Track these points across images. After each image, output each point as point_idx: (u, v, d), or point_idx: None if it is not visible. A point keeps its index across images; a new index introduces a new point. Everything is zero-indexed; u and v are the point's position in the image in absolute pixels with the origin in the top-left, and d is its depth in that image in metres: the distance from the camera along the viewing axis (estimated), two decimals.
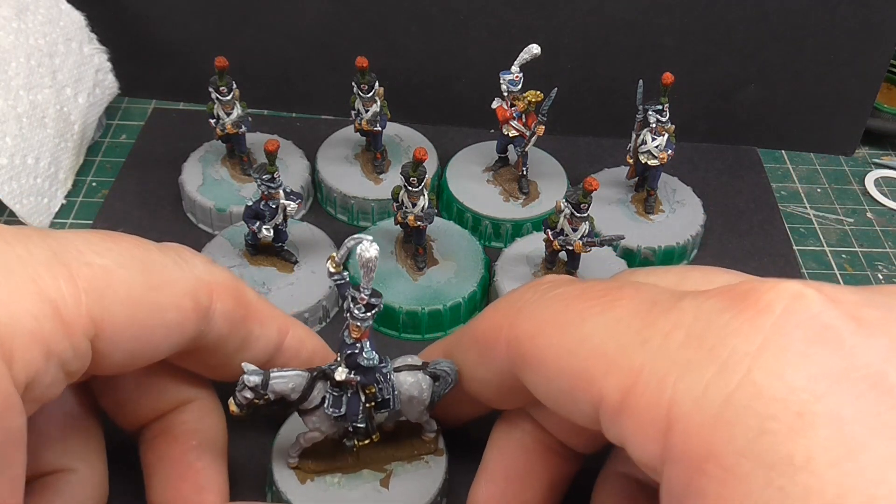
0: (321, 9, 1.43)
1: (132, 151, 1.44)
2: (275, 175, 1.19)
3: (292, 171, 1.36)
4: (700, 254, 1.30)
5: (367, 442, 0.80)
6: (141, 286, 0.65)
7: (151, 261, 0.68)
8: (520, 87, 1.26)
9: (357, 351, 0.74)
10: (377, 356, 0.75)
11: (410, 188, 1.14)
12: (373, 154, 1.37)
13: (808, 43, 1.39)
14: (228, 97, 1.29)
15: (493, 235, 1.32)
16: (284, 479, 0.81)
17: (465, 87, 1.57)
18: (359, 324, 0.73)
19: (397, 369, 0.80)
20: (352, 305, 0.72)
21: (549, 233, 1.18)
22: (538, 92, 1.26)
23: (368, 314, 0.72)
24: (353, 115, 1.34)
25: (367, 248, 0.69)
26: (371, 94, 1.31)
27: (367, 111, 1.32)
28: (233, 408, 0.74)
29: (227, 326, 0.74)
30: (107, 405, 0.80)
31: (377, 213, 1.34)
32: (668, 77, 1.24)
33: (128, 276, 0.64)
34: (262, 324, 0.78)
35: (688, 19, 1.37)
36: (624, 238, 1.20)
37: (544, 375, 0.61)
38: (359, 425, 0.78)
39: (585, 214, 1.16)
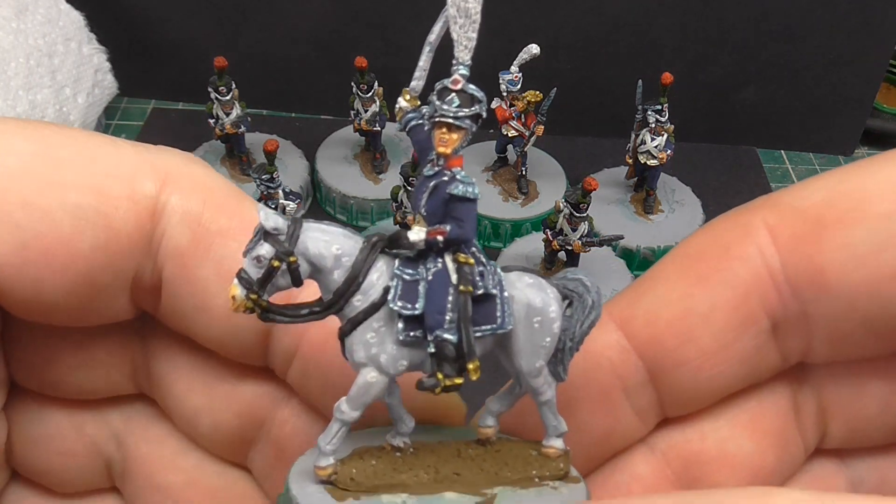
0: (321, 9, 1.43)
1: None
2: (274, 175, 1.20)
3: (291, 171, 1.36)
4: None
5: (458, 381, 0.49)
6: (27, 180, 0.50)
7: (60, 144, 0.52)
8: (519, 87, 1.26)
9: (445, 179, 0.49)
10: (477, 188, 0.49)
11: (410, 188, 1.14)
12: (372, 154, 1.37)
13: (808, 43, 1.39)
14: (227, 97, 1.29)
15: (492, 235, 1.32)
16: (309, 498, 0.51)
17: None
18: (449, 122, 0.48)
19: (505, 269, 0.52)
20: (437, 102, 0.48)
21: (548, 233, 1.18)
22: (537, 92, 1.26)
23: (465, 110, 0.48)
24: (352, 116, 1.34)
25: None
26: (370, 94, 1.31)
27: (366, 111, 1.32)
28: (232, 290, 0.48)
29: (189, 234, 0.53)
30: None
31: (376, 212, 1.34)
32: (667, 77, 1.24)
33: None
34: None
35: (687, 19, 1.37)
36: (623, 238, 1.20)
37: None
38: (447, 337, 0.48)
39: (584, 214, 1.16)
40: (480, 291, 0.49)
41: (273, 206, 1.16)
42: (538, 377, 0.52)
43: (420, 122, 0.51)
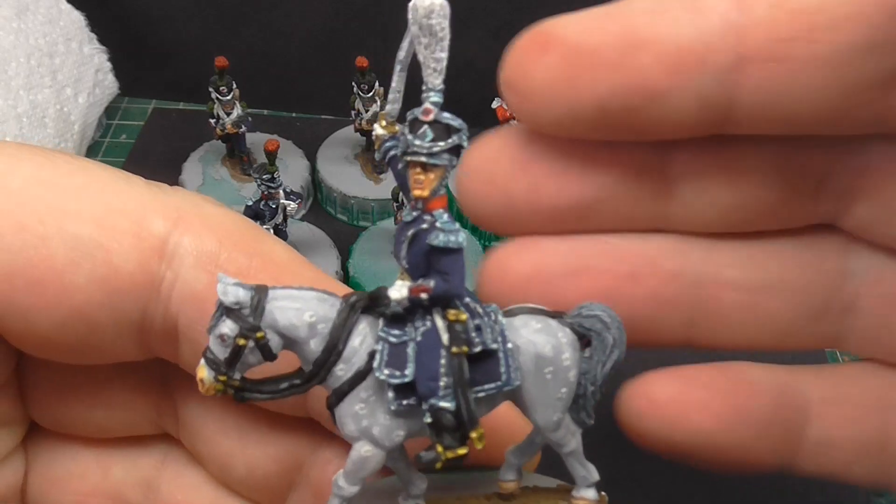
0: (321, 9, 1.43)
1: (132, 151, 1.44)
2: (275, 175, 1.20)
3: (292, 170, 1.36)
4: None
5: (462, 452, 0.44)
6: (27, 205, 0.47)
7: (69, 173, 0.50)
8: None
9: (424, 227, 0.44)
10: (462, 234, 0.44)
11: None
12: (373, 154, 1.37)
13: None
14: (228, 97, 1.29)
15: (492, 236, 1.32)
16: None
17: (465, 87, 1.57)
18: (422, 160, 0.42)
19: (509, 313, 0.47)
20: (409, 136, 0.43)
21: None
22: None
23: (440, 144, 0.42)
24: (353, 115, 1.34)
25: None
26: (371, 94, 1.31)
27: (367, 111, 1.32)
28: (200, 372, 0.44)
29: (206, 277, 0.49)
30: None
31: (377, 212, 1.34)
32: None
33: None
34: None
35: None
36: None
37: None
38: (442, 405, 0.43)
39: None
40: (478, 349, 0.44)
41: (274, 206, 1.16)
42: (558, 430, 0.47)
43: (396, 147, 0.46)
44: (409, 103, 0.46)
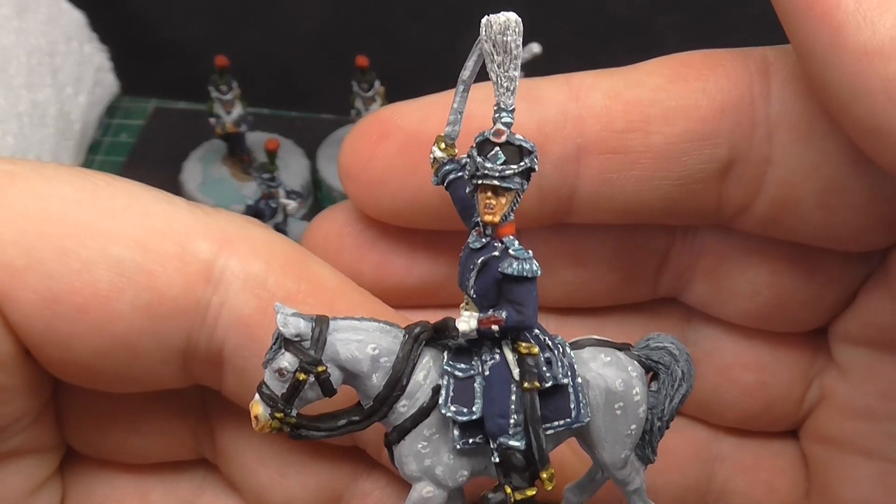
0: (322, 8, 1.43)
1: (133, 150, 1.44)
2: (275, 174, 1.20)
3: (292, 169, 1.36)
4: None
5: (531, 493, 0.42)
6: (67, 227, 0.46)
7: (110, 195, 0.48)
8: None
9: (496, 254, 0.42)
10: (535, 263, 0.42)
11: None
12: None
13: None
14: (229, 96, 1.29)
15: None
16: None
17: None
18: (494, 184, 0.40)
19: (576, 344, 0.46)
20: (479, 159, 0.41)
21: None
22: None
23: (512, 167, 0.41)
24: (353, 114, 1.34)
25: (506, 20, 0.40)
26: (371, 92, 1.31)
27: (367, 110, 1.32)
28: (254, 409, 0.42)
29: (254, 301, 0.47)
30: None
31: None
32: None
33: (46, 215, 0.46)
34: (333, 311, 0.47)
35: (688, 18, 1.37)
36: None
37: None
38: (512, 444, 0.41)
39: None
40: (549, 384, 0.42)
41: (274, 205, 1.16)
42: (624, 468, 0.46)
43: (460, 174, 0.44)
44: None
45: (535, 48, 1.22)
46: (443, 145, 0.45)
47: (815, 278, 0.57)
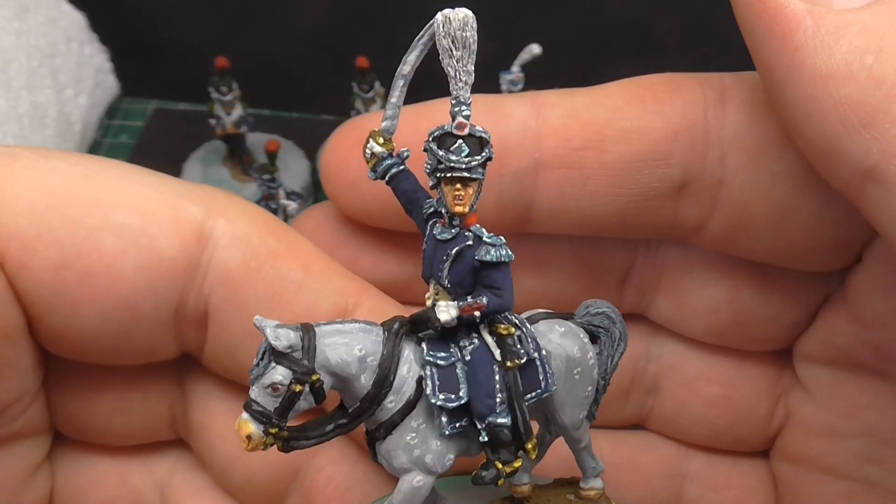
0: (322, 9, 1.43)
1: (133, 152, 1.44)
2: (275, 175, 1.20)
3: (293, 171, 1.36)
4: None
5: (517, 465, 0.44)
6: (71, 199, 0.49)
7: (104, 169, 0.51)
8: (520, 87, 1.26)
9: (469, 243, 0.43)
10: (508, 247, 0.44)
11: None
12: None
13: None
14: (229, 97, 1.30)
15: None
16: None
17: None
18: (464, 175, 0.41)
19: (531, 319, 0.48)
20: (441, 152, 0.42)
21: None
22: None
23: (477, 158, 0.42)
24: (353, 115, 1.34)
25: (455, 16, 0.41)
26: (372, 94, 1.31)
27: (368, 111, 1.32)
28: (245, 429, 0.41)
29: (239, 256, 0.51)
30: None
31: None
32: None
33: (49, 184, 0.49)
34: (309, 271, 0.52)
35: (688, 19, 1.37)
36: None
37: None
38: (500, 422, 0.43)
39: None
40: (524, 360, 0.44)
41: (274, 207, 1.16)
42: (580, 428, 0.49)
43: (402, 167, 0.46)
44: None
45: (536, 49, 1.22)
46: (381, 140, 0.46)
47: (773, 296, 0.59)
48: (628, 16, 1.37)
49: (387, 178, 0.47)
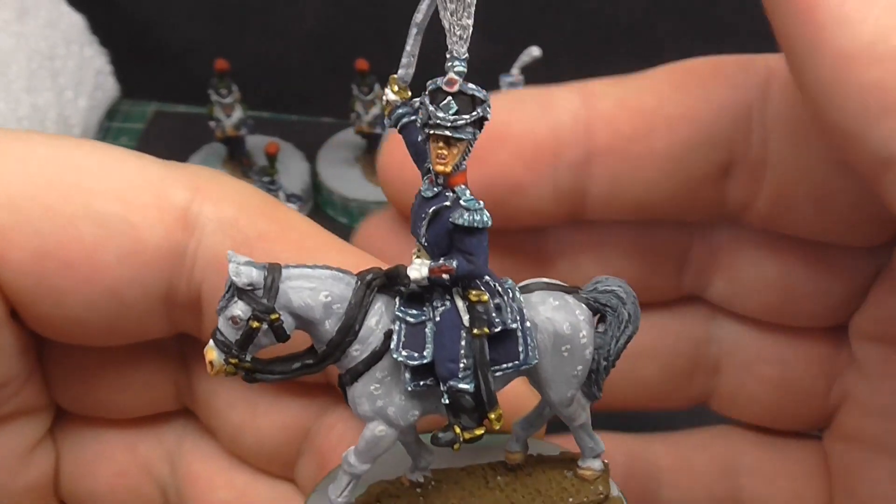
0: (321, 12, 1.43)
1: None
2: (275, 177, 1.20)
3: (293, 173, 1.36)
4: None
5: (479, 433, 0.44)
6: (50, 187, 0.48)
7: (84, 153, 0.50)
8: (520, 89, 1.26)
9: (447, 204, 0.42)
10: (486, 213, 0.42)
11: None
12: (373, 156, 1.37)
13: None
14: (229, 99, 1.30)
15: None
16: None
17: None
18: (446, 134, 0.40)
19: (526, 288, 0.47)
20: (431, 107, 0.41)
21: None
22: None
23: (465, 117, 0.40)
24: (353, 118, 1.34)
25: None
26: (371, 96, 1.31)
27: (367, 113, 1.33)
28: (208, 355, 0.42)
29: (228, 241, 0.50)
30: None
31: None
32: None
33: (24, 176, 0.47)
34: (303, 249, 0.51)
35: (687, 22, 1.37)
36: None
37: None
38: (461, 387, 0.43)
39: None
40: (498, 329, 0.43)
41: None
42: (570, 405, 0.47)
43: (413, 117, 0.44)
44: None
45: (535, 51, 1.22)
46: (395, 87, 0.45)
47: (822, 272, 0.59)
48: (628, 16, 1.37)
49: (399, 127, 0.45)
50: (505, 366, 0.44)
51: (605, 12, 1.36)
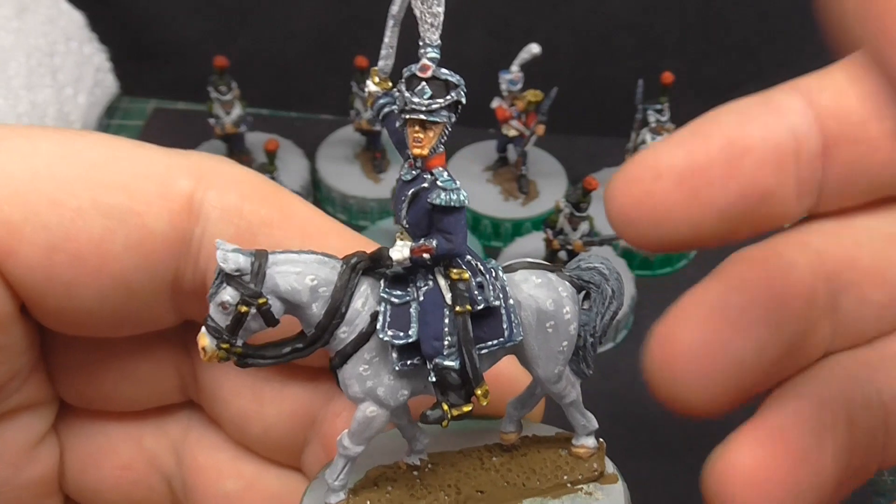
0: (321, 9, 1.43)
1: None
2: (274, 174, 1.20)
3: (292, 170, 1.36)
4: (702, 253, 1.30)
5: (467, 409, 0.45)
6: (56, 180, 0.48)
7: (86, 146, 0.51)
8: (520, 86, 1.26)
9: (425, 185, 0.44)
10: (463, 193, 0.44)
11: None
12: (372, 153, 1.37)
13: (808, 42, 1.39)
14: (228, 96, 1.29)
15: (492, 235, 1.32)
16: None
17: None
18: (421, 118, 0.42)
19: (509, 268, 0.48)
20: (407, 94, 0.43)
21: (549, 232, 1.18)
22: (538, 91, 1.26)
23: (439, 101, 0.42)
24: (352, 115, 1.34)
25: None
26: None
27: (366, 111, 1.32)
28: (201, 341, 0.44)
29: (232, 229, 0.51)
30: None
31: (377, 212, 1.34)
32: (667, 76, 1.24)
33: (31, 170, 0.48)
34: (307, 235, 0.52)
35: (688, 18, 1.37)
36: None
37: None
38: (447, 364, 0.44)
39: (585, 214, 1.16)
40: (481, 307, 0.44)
41: None
42: (559, 382, 0.49)
43: (393, 107, 0.45)
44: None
45: (535, 49, 1.22)
46: (376, 79, 0.47)
47: None
48: (628, 16, 1.37)
49: (381, 117, 0.47)
50: (490, 343, 0.45)
51: (604, 10, 1.36)
